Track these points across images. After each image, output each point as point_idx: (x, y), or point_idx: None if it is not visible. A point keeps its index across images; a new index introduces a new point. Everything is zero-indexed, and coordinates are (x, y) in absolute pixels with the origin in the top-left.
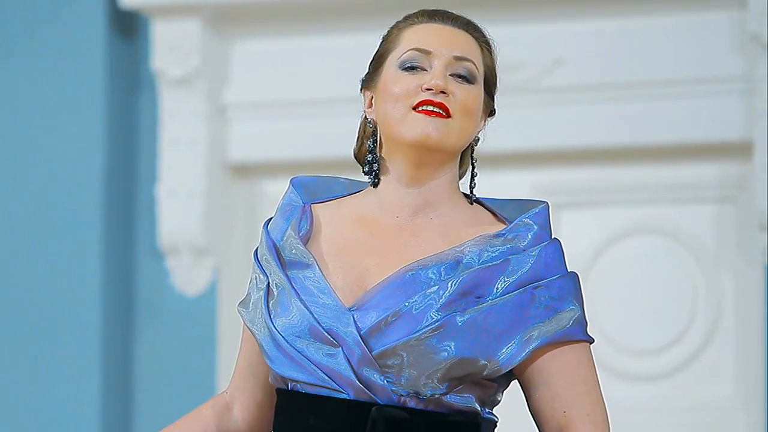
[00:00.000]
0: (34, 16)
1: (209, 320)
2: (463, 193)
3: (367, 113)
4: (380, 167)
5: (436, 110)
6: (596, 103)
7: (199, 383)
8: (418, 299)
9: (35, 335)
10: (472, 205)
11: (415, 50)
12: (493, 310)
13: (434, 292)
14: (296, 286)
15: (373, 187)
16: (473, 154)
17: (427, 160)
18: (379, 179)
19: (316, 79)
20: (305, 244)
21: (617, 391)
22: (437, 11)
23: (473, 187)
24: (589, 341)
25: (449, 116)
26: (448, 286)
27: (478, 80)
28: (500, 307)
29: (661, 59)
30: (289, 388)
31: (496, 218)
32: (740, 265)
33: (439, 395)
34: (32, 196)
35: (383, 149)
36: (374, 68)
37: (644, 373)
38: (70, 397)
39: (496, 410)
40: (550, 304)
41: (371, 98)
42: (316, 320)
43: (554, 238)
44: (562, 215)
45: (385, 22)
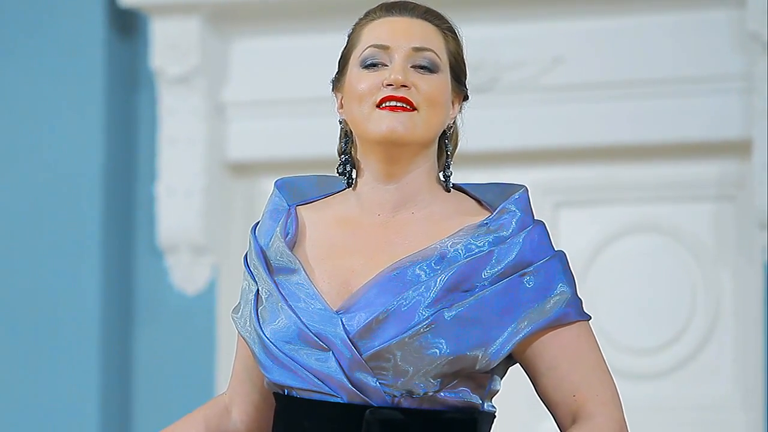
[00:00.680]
0: (33, 14)
1: (208, 318)
2: (444, 181)
3: (339, 114)
4: (357, 167)
5: (399, 105)
6: (595, 101)
7: (198, 381)
8: (405, 298)
9: (34, 333)
10: (451, 193)
11: (373, 47)
12: (481, 302)
13: (421, 289)
14: (284, 291)
15: (348, 187)
16: (447, 141)
17: (397, 155)
18: (352, 179)
19: (315, 77)
20: (292, 248)
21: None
22: (395, 3)
23: (449, 175)
24: (585, 320)
25: (414, 109)
26: (435, 282)
27: (441, 68)
28: (489, 298)
29: (660, 57)
30: (285, 392)
31: (480, 205)
32: (739, 263)
33: (433, 393)
34: (31, 194)
35: (357, 149)
36: (340, 68)
37: (643, 371)
38: (69, 394)
39: (494, 400)
40: (539, 289)
41: (341, 99)
42: (304, 325)
43: (538, 220)
44: (561, 213)
45: None
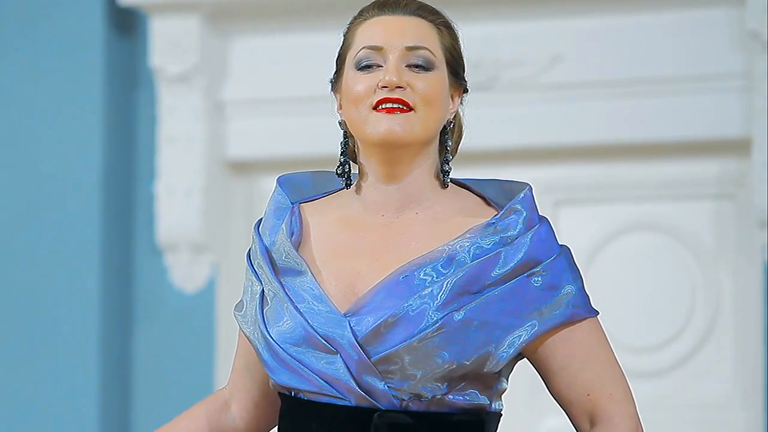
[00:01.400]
0: (32, 13)
1: (208, 317)
2: (450, 180)
3: (338, 114)
4: (359, 168)
5: (395, 106)
6: (595, 99)
7: (197, 380)
8: (414, 301)
9: (34, 332)
10: (453, 190)
11: (366, 48)
12: (490, 303)
13: (430, 292)
14: (290, 293)
15: (346, 188)
16: (447, 137)
17: (397, 156)
18: (350, 181)
19: (314, 75)
20: (297, 247)
21: None
22: (388, 1)
23: (447, 171)
24: (594, 315)
25: (411, 109)
26: (443, 285)
27: (436, 65)
28: (497, 299)
29: (659, 56)
30: (292, 394)
31: (484, 202)
32: (739, 262)
33: (441, 395)
34: (31, 193)
35: (359, 150)
36: (337, 69)
37: (643, 370)
38: (68, 393)
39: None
40: (547, 288)
41: (340, 99)
42: (312, 328)
43: (543, 217)
44: (560, 212)
45: None
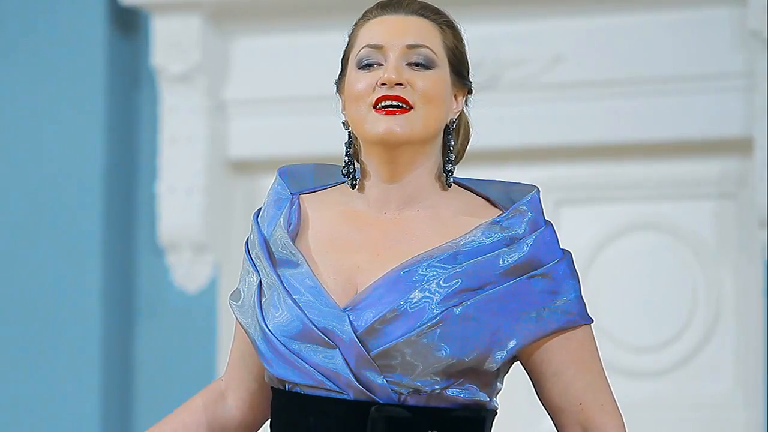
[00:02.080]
0: (34, 12)
1: (209, 316)
2: (454, 180)
3: (342, 115)
4: (362, 168)
5: (395, 104)
6: (596, 99)
7: (199, 379)
8: (415, 296)
9: (36, 332)
10: (457, 190)
11: (367, 47)
12: (489, 302)
13: (431, 288)
14: (288, 286)
15: (351, 188)
16: (450, 137)
17: (397, 155)
18: (356, 181)
19: (316, 75)
20: (294, 239)
21: (617, 387)
22: (391, 1)
23: (448, 171)
24: (589, 323)
25: (410, 107)
26: (444, 281)
27: (438, 64)
28: (497, 298)
29: (661, 56)
30: (286, 388)
31: (489, 202)
32: (740, 261)
33: (440, 390)
34: (32, 192)
35: (361, 150)
36: (341, 70)
37: (644, 369)
38: (70, 393)
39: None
40: (547, 291)
41: (344, 100)
42: (310, 321)
43: (548, 221)
44: (562, 211)
45: None
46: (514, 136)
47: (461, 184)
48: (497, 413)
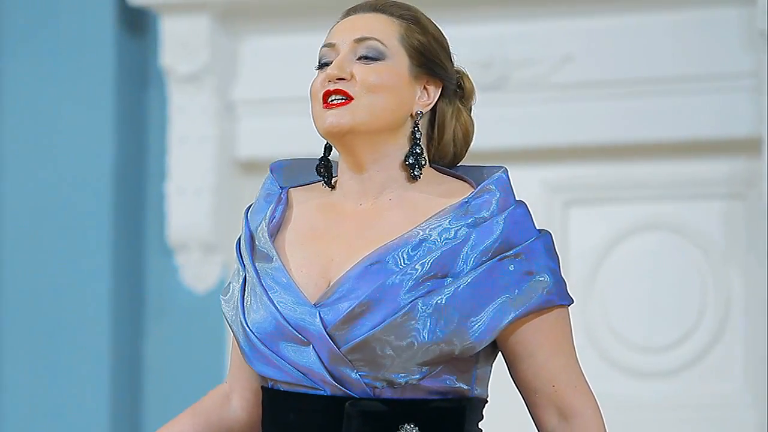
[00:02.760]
0: (42, 13)
1: (218, 317)
2: (432, 166)
3: None
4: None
5: (336, 99)
6: (605, 99)
7: (207, 379)
8: (383, 288)
9: (45, 332)
10: (434, 176)
11: (323, 47)
12: (461, 286)
13: (399, 278)
14: (264, 282)
15: (326, 186)
16: (416, 128)
17: (351, 146)
18: (330, 177)
19: None
20: (276, 231)
21: (626, 387)
22: (358, 5)
23: (411, 164)
24: (567, 304)
25: (350, 98)
26: (412, 270)
27: (387, 55)
28: (469, 282)
29: (670, 55)
30: (269, 386)
31: (463, 182)
32: (749, 261)
33: (415, 381)
34: (41, 193)
35: None
36: None
37: (653, 369)
38: (79, 393)
39: (494, 389)
40: (520, 272)
41: None
42: (284, 318)
43: (520, 201)
44: (571, 212)
45: None
46: (523, 136)
47: (443, 170)
48: (487, 402)
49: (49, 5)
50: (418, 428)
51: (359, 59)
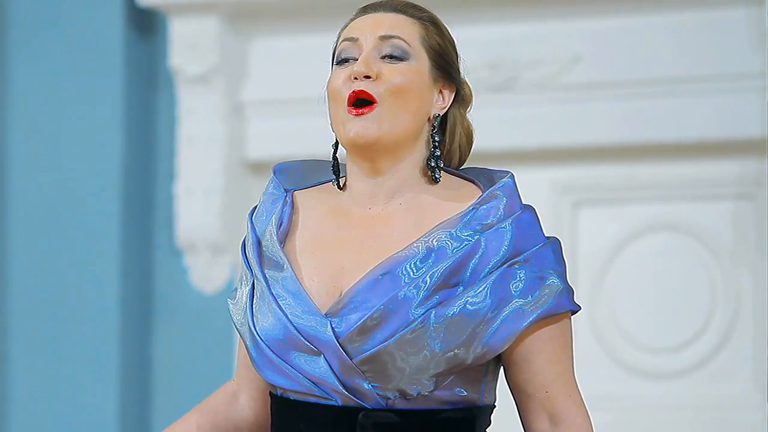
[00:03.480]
0: (52, 14)
1: (226, 317)
2: (445, 169)
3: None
4: (347, 162)
5: (360, 102)
6: (614, 100)
7: (216, 379)
8: (394, 299)
9: (54, 332)
10: (446, 180)
11: (344, 41)
12: (472, 296)
13: (410, 289)
14: (274, 290)
15: (337, 188)
16: (434, 132)
17: (373, 153)
18: (341, 180)
19: None
20: (285, 238)
21: (635, 388)
22: (373, 4)
23: (433, 167)
24: (576, 310)
25: (374, 102)
26: (423, 281)
27: (412, 55)
28: (481, 290)
29: (678, 56)
30: (278, 394)
31: (473, 184)
32: (758, 262)
33: (427, 392)
34: (50, 194)
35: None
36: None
37: (662, 370)
38: (88, 393)
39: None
40: (530, 279)
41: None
42: (294, 327)
43: (527, 205)
44: (580, 212)
45: None
46: (532, 136)
47: (453, 172)
48: (495, 407)
49: (57, 6)
50: None
51: (383, 58)
